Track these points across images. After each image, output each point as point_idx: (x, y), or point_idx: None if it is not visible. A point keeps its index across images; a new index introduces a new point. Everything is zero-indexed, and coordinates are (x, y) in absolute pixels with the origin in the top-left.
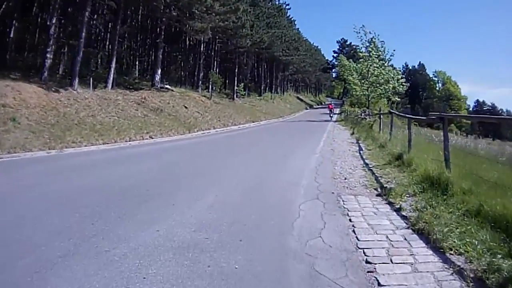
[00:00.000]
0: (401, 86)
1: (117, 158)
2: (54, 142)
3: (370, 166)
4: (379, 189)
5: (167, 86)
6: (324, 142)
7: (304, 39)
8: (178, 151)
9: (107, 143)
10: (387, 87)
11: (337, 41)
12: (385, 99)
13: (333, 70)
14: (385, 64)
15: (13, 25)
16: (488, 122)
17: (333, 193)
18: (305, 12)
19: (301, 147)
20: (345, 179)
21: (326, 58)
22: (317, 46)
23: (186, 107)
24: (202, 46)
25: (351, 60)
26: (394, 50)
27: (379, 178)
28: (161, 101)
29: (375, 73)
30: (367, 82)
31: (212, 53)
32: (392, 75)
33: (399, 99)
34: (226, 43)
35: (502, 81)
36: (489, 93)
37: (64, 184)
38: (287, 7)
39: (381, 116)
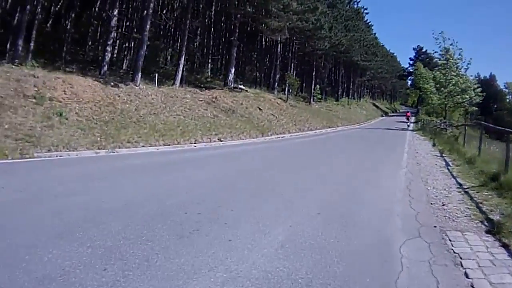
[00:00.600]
0: (478, 96)
1: (174, 162)
2: (105, 141)
3: (465, 187)
4: (485, 222)
5: (241, 86)
6: (408, 154)
7: (381, 45)
8: (246, 158)
9: (169, 144)
10: (464, 97)
11: (413, 48)
12: (461, 108)
13: (409, 77)
14: (463, 73)
15: (70, 17)
16: None
17: (435, 227)
18: (381, 18)
19: (385, 159)
20: (443, 205)
21: (402, 66)
22: (393, 53)
23: (260, 109)
24: (279, 46)
25: (427, 68)
26: (471, 59)
27: (480, 205)
28: (234, 101)
29: (453, 81)
30: (444, 91)
31: (289, 55)
32: (469, 84)
33: (476, 108)
34: (303, 44)
35: None
36: None
37: (84, 199)
38: (365, 11)
39: (466, 128)
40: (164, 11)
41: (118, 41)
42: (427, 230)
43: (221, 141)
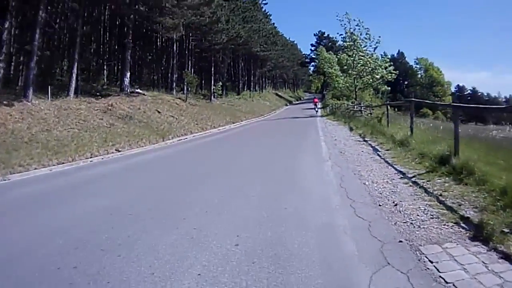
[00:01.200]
0: (390, 74)
1: (61, 189)
2: None
3: (410, 175)
4: (462, 224)
5: (138, 91)
6: (326, 142)
7: (281, 34)
8: (144, 171)
9: (63, 163)
10: (375, 76)
11: (314, 34)
12: (371, 89)
13: (311, 64)
14: (372, 52)
15: None
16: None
17: (401, 241)
18: (279, 7)
19: (302, 153)
20: (395, 204)
21: (303, 53)
22: (294, 41)
23: (159, 112)
24: (175, 45)
25: (331, 52)
26: (379, 37)
27: (441, 198)
28: (131, 107)
29: (361, 62)
30: (353, 72)
31: (186, 52)
32: (379, 63)
33: (388, 88)
34: (200, 40)
35: (482, 65)
36: (468, 77)
37: None
38: (263, 1)
39: (388, 107)
40: (58, 20)
41: (14, 57)
42: (393, 250)
43: (119, 151)
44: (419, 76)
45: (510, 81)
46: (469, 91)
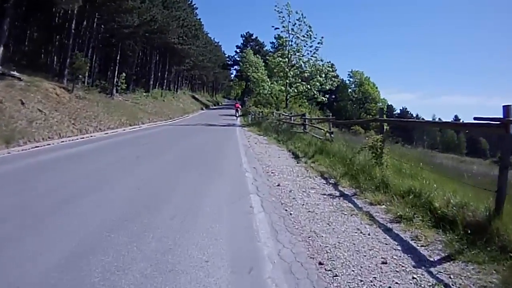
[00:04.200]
0: (331, 81)
1: None
2: None
3: None
4: None
5: (13, 73)
6: (255, 181)
7: (205, 32)
8: None
9: None
10: (312, 83)
11: (241, 35)
12: (305, 99)
13: (234, 67)
14: (311, 55)
15: None
16: (399, 128)
17: None
18: (206, 4)
19: (213, 211)
20: None
21: (227, 54)
22: (218, 42)
23: (23, 103)
24: (73, 21)
25: (257, 55)
26: (322, 37)
27: None
28: None
29: (298, 64)
30: (287, 76)
31: (87, 33)
32: (319, 68)
33: (325, 99)
34: (107, 21)
35: (405, 87)
36: (392, 98)
37: None
38: None
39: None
40: None
41: None
42: None
43: None
44: (350, 90)
45: (433, 103)
46: (399, 111)
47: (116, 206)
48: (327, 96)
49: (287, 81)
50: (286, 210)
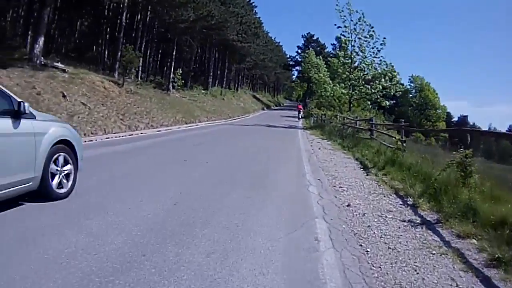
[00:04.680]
0: (395, 86)
1: None
2: None
3: None
4: None
5: (57, 64)
6: (320, 199)
7: (266, 31)
8: None
9: None
10: (375, 86)
11: (302, 35)
12: (368, 102)
13: (295, 68)
14: (374, 55)
15: None
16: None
17: None
18: (266, 5)
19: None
20: None
21: (288, 55)
22: (279, 42)
23: (64, 96)
24: (124, 14)
25: (319, 57)
26: (384, 38)
27: None
28: (20, 84)
29: (361, 66)
30: (350, 77)
31: (140, 26)
32: (383, 71)
33: (388, 104)
34: (161, 15)
35: (459, 93)
36: (447, 105)
37: None
38: None
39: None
40: None
41: None
42: None
43: None
44: (410, 96)
45: (488, 113)
46: (456, 118)
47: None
48: (391, 101)
49: (350, 82)
50: (361, 245)
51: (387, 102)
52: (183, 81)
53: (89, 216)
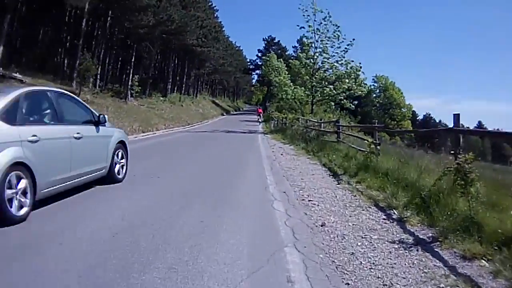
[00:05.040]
0: (359, 87)
1: None
2: None
3: None
4: None
5: (15, 75)
6: (288, 218)
7: (226, 36)
8: None
9: None
10: (338, 86)
11: (263, 38)
12: (332, 103)
13: (255, 72)
14: (339, 57)
15: None
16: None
17: None
18: (227, 8)
19: None
20: None
21: (249, 59)
22: (239, 46)
23: None
24: (84, 20)
25: (280, 60)
26: (353, 39)
27: None
28: None
29: (325, 66)
30: (312, 79)
31: (99, 32)
32: (347, 71)
33: (352, 106)
34: (121, 20)
35: (426, 92)
36: (413, 103)
37: None
38: None
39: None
40: None
41: None
42: None
43: None
44: (374, 96)
45: (457, 109)
46: (421, 116)
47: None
48: (355, 102)
49: (313, 83)
50: (348, 283)
51: (350, 104)
52: (139, 88)
53: None
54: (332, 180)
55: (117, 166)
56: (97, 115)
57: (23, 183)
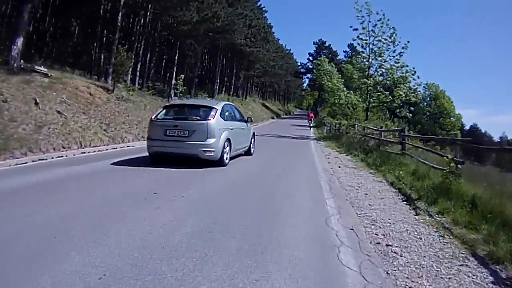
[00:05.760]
0: (412, 94)
1: None
2: None
3: None
4: None
5: (39, 68)
6: (367, 284)
7: (276, 39)
8: None
9: None
10: (399, 92)
11: (313, 42)
12: (386, 110)
13: (306, 75)
14: (395, 60)
15: None
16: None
17: None
18: (276, 13)
19: None
20: None
21: (299, 62)
22: (290, 50)
23: (37, 103)
24: (120, 13)
25: (332, 63)
26: (408, 42)
27: None
28: None
29: (381, 71)
30: (368, 82)
31: (138, 27)
32: (404, 75)
33: (409, 114)
34: (162, 15)
35: (469, 102)
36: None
37: None
38: None
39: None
40: None
41: None
42: None
43: None
44: (425, 104)
45: (497, 121)
46: (467, 127)
47: None
48: (411, 109)
49: (368, 89)
50: None
51: (407, 111)
52: (184, 88)
53: None
54: (408, 208)
55: (252, 147)
56: (246, 118)
57: (227, 148)
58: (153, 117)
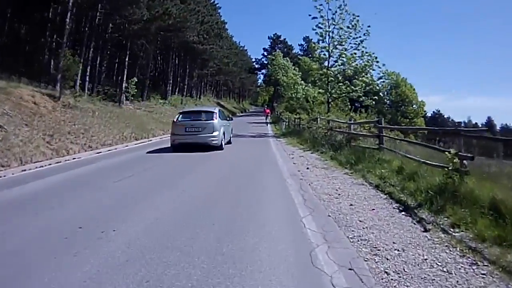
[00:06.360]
0: (376, 83)
1: None
2: None
3: None
4: None
5: None
6: None
7: (230, 35)
8: None
9: None
10: (357, 83)
11: (268, 36)
12: (347, 101)
13: (261, 71)
14: (355, 48)
15: None
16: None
17: None
18: (229, 9)
19: None
20: None
21: (254, 58)
22: (244, 46)
23: None
24: (68, 15)
25: (287, 58)
26: (369, 27)
27: None
28: None
29: (342, 60)
30: (329, 74)
31: (86, 29)
32: (366, 64)
33: (373, 102)
34: (111, 14)
35: (431, 89)
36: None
37: None
38: None
39: None
40: None
41: None
42: None
43: None
44: (385, 93)
45: (462, 105)
46: (430, 114)
47: None
48: (375, 98)
49: (328, 80)
50: None
51: (370, 100)
52: (135, 91)
53: None
54: (410, 221)
55: (231, 138)
56: (231, 116)
57: (222, 136)
58: (174, 120)
